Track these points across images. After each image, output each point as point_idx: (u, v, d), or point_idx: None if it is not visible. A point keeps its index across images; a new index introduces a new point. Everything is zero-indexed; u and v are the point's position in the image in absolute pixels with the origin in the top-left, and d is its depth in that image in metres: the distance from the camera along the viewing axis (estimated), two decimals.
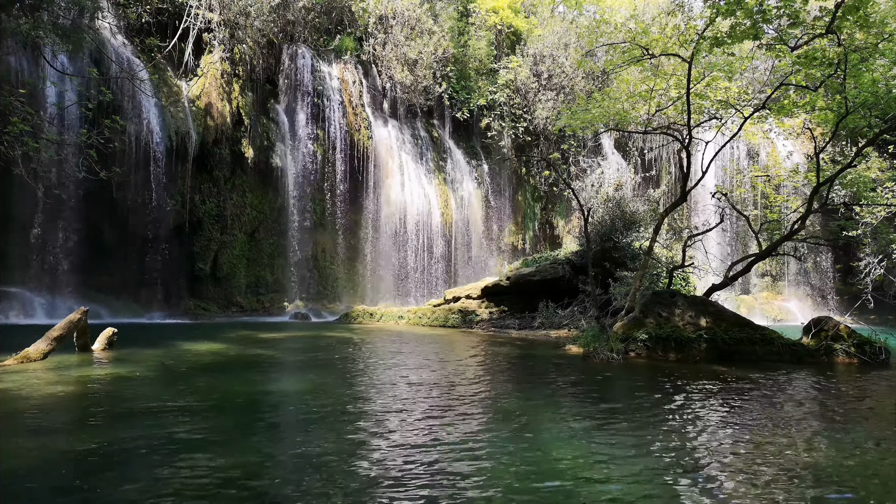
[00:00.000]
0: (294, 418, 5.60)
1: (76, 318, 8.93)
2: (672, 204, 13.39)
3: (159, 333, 13.48)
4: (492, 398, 6.60)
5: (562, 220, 28.68)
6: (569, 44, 27.12)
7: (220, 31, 21.15)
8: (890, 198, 15.86)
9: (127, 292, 19.01)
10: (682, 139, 12.86)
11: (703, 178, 14.14)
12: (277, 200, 22.62)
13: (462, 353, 10.80)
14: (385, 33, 25.36)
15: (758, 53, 14.13)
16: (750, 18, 9.88)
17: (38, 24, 14.32)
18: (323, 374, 8.26)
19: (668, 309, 10.80)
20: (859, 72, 10.22)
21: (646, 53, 12.12)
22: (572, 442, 4.68)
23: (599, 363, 9.41)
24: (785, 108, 12.08)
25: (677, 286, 15.01)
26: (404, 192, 24.61)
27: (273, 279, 22.55)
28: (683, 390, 7.14)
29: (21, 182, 14.30)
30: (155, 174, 18.96)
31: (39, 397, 5.95)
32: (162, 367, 8.21)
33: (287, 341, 12.74)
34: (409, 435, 4.81)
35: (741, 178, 26.85)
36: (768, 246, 13.07)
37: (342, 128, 23.55)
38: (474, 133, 28.21)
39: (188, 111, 20.12)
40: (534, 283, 17.81)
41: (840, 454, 4.47)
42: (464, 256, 26.25)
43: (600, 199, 19.34)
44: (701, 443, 4.77)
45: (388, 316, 18.95)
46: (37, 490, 3.55)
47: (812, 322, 10.94)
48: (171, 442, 4.47)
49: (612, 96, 14.01)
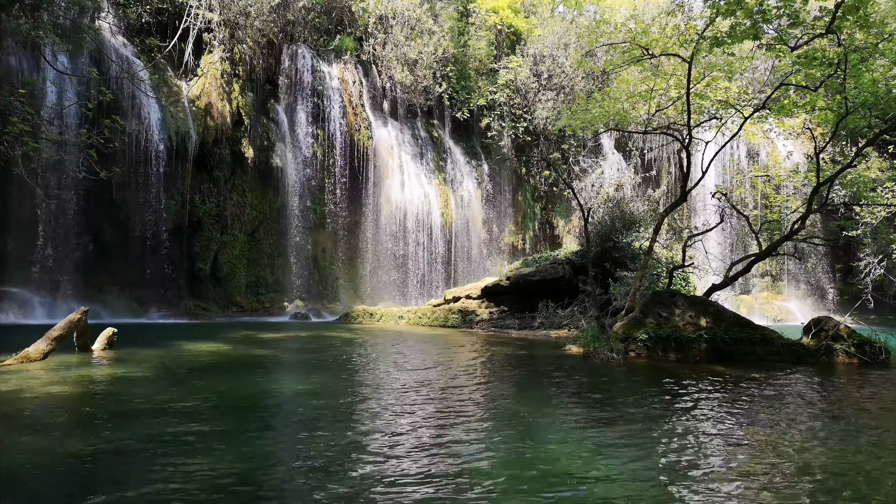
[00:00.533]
0: (294, 418, 5.60)
1: (76, 318, 8.93)
2: (672, 204, 13.39)
3: (159, 333, 13.48)
4: (491, 398, 6.60)
5: (562, 220, 28.68)
6: (569, 44, 27.11)
7: (220, 31, 21.14)
8: (890, 198, 15.85)
9: (127, 292, 19.00)
10: (682, 139, 12.87)
11: (703, 178, 14.14)
12: (277, 200, 22.62)
13: (462, 354, 10.80)
14: (385, 33, 25.36)
15: (758, 53, 14.13)
16: (750, 18, 9.88)
17: (38, 24, 14.32)
18: (323, 375, 8.26)
19: (668, 309, 10.80)
20: (859, 72, 10.22)
21: (646, 53, 12.12)
22: (572, 442, 4.68)
23: (599, 363, 9.41)
24: (785, 108, 12.08)
25: (677, 286, 15.02)
26: (404, 191, 24.61)
27: (273, 279, 22.55)
28: (684, 390, 7.14)
29: (21, 182, 14.31)
30: (155, 174, 18.96)
31: (39, 397, 5.94)
32: (162, 368, 8.21)
33: (287, 341, 12.73)
34: (408, 435, 4.81)
35: (741, 178, 26.85)
36: (768, 246, 13.07)
37: (342, 128, 23.55)
38: (474, 133, 28.21)
39: (188, 111, 20.12)
40: (534, 283, 17.81)
41: (840, 454, 4.47)
42: (464, 256, 26.25)
43: (600, 199, 19.35)
44: (701, 443, 4.77)
45: (388, 316, 18.95)
46: (37, 489, 3.55)
47: (812, 322, 10.94)
48: (171, 442, 4.47)
49: (612, 96, 14.01)
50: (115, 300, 18.50)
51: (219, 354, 10.01)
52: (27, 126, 12.13)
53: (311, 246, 23.21)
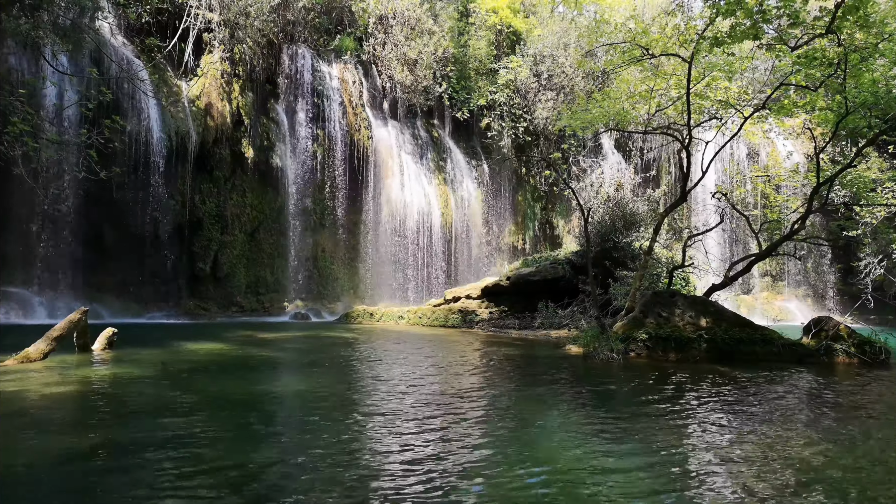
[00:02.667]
0: (294, 418, 5.60)
1: (76, 318, 8.93)
2: (672, 204, 13.39)
3: (159, 333, 13.47)
4: (492, 398, 6.60)
5: (562, 220, 28.67)
6: (569, 44, 27.10)
7: (220, 31, 21.14)
8: (890, 198, 15.85)
9: (127, 292, 18.99)
10: (682, 139, 12.86)
11: (703, 178, 14.14)
12: (277, 200, 22.61)
13: (462, 353, 10.80)
14: (385, 33, 25.35)
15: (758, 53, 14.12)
16: (750, 18, 9.88)
17: (38, 24, 14.31)
18: (322, 375, 8.26)
19: (668, 309, 10.80)
20: (859, 72, 10.22)
21: (646, 53, 12.12)
22: (573, 442, 4.68)
23: (599, 363, 9.41)
24: (785, 108, 12.07)
25: (677, 286, 15.02)
26: (404, 192, 24.60)
27: (273, 279, 22.54)
28: (684, 390, 7.14)
29: (21, 182, 14.30)
30: (155, 174, 18.95)
31: (39, 397, 5.94)
32: (162, 368, 8.21)
33: (287, 341, 12.73)
34: (408, 435, 4.81)
35: (741, 178, 26.84)
36: (768, 246, 13.07)
37: (342, 128, 23.55)
38: (474, 133, 28.20)
39: (188, 111, 20.12)
40: (534, 283, 17.80)
41: (842, 454, 4.47)
42: (464, 256, 26.24)
43: (600, 199, 19.34)
44: (702, 443, 4.77)
45: (388, 316, 18.95)
46: (36, 489, 3.55)
47: (812, 322, 10.93)
48: (171, 442, 4.47)
49: (612, 96, 14.02)
50: (115, 300, 18.50)
51: (219, 354, 10.01)
52: (27, 126, 12.12)
53: (311, 246, 23.21)
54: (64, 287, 17.70)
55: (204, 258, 20.58)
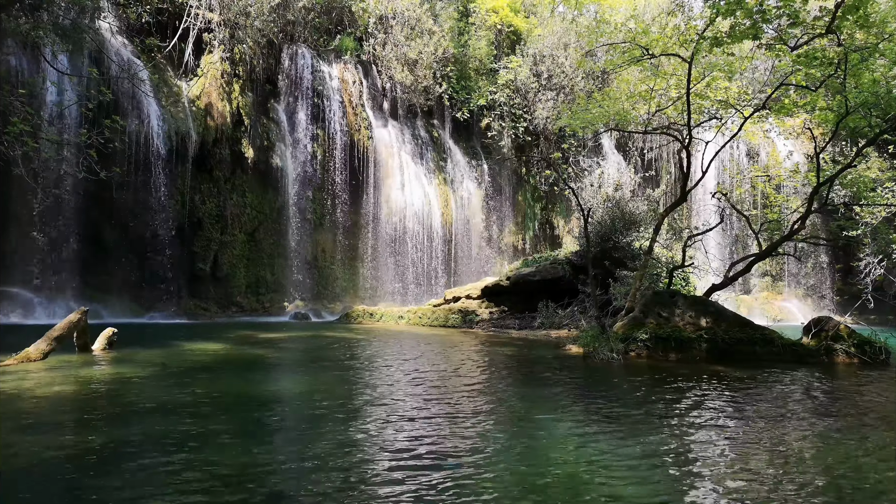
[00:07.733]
0: (294, 418, 5.59)
1: (76, 318, 8.93)
2: (672, 204, 13.39)
3: (159, 333, 13.47)
4: (492, 398, 6.59)
5: (562, 220, 28.67)
6: (569, 44, 27.10)
7: (220, 31, 21.14)
8: (890, 198, 15.85)
9: (127, 292, 18.99)
10: (682, 139, 12.86)
11: (703, 178, 14.15)
12: (277, 200, 22.61)
13: (462, 354, 10.80)
14: (385, 33, 25.34)
15: (758, 53, 14.14)
16: (750, 18, 9.88)
17: (38, 24, 14.31)
18: (323, 375, 8.26)
19: (668, 309, 10.80)
20: (859, 72, 10.22)
21: (646, 53, 12.11)
22: (573, 442, 4.68)
23: (600, 363, 9.41)
24: (785, 108, 12.08)
25: (677, 286, 15.01)
26: (404, 192, 24.60)
27: (273, 279, 22.54)
28: (684, 390, 7.14)
29: (21, 182, 14.31)
30: (155, 174, 18.95)
31: (39, 397, 5.94)
32: (162, 368, 8.21)
33: (287, 341, 12.73)
34: (408, 434, 4.81)
35: (741, 178, 26.85)
36: (768, 246, 13.07)
37: (342, 128, 23.54)
38: (474, 133, 28.19)
39: (188, 111, 20.12)
40: (534, 283, 17.80)
41: (843, 454, 4.47)
42: (464, 256, 26.24)
43: (600, 199, 19.32)
44: (702, 442, 4.77)
45: (388, 316, 18.94)
46: (36, 489, 3.55)
47: (812, 322, 10.93)
48: (171, 442, 4.47)
49: (612, 96, 14.03)
50: (115, 300, 18.49)
51: (219, 354, 10.01)
52: (27, 126, 12.13)
53: (311, 246, 23.21)
54: (64, 287, 17.69)
55: (204, 258, 20.58)
